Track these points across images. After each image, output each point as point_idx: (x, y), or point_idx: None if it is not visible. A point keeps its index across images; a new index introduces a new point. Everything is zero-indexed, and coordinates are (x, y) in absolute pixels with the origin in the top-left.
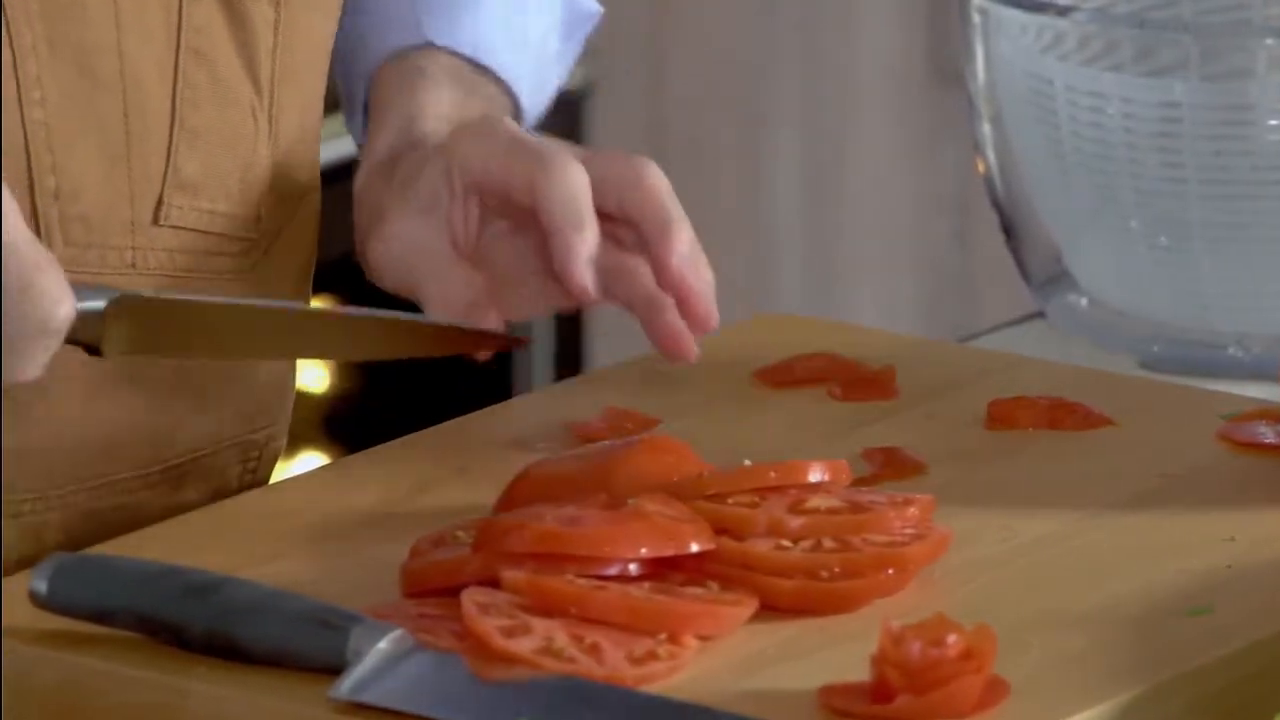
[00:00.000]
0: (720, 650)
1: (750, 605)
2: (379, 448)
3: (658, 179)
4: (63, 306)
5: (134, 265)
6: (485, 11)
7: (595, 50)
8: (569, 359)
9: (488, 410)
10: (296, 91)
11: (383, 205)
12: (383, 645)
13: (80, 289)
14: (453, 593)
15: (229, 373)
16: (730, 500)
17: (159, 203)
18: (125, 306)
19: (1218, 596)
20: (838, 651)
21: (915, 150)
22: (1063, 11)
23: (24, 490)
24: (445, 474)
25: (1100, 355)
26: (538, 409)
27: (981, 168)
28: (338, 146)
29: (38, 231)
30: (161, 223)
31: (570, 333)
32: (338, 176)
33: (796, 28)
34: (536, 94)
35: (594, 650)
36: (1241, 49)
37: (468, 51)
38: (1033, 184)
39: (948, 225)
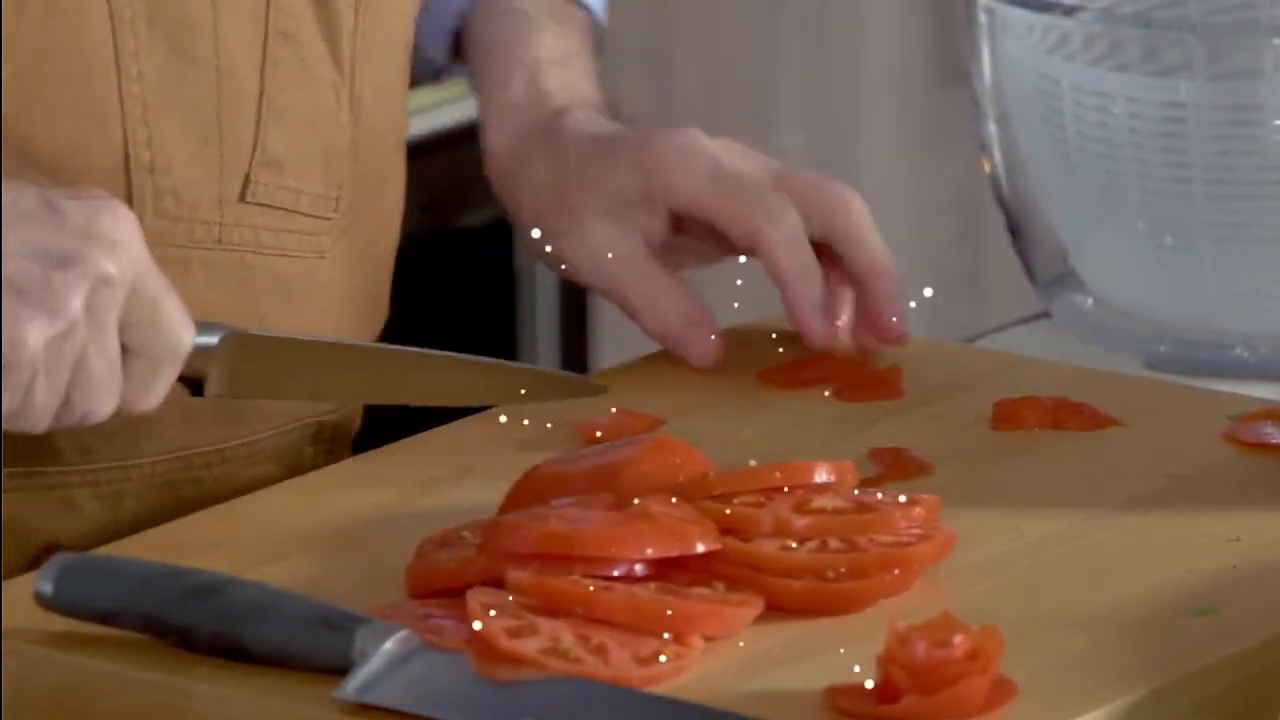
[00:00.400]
0: (726, 651)
1: (756, 606)
2: (384, 448)
3: (860, 210)
4: (189, 332)
5: (220, 240)
6: None
7: (597, 51)
8: (574, 360)
9: (493, 411)
10: (375, 72)
11: (565, 194)
12: (388, 646)
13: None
14: (458, 593)
15: None
16: (736, 501)
17: (246, 180)
18: (236, 343)
19: (1224, 597)
20: (844, 652)
21: (920, 150)
22: (1069, 11)
23: (104, 460)
24: (451, 474)
25: (1106, 355)
26: (543, 409)
27: (987, 167)
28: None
29: (130, 204)
30: (248, 199)
31: (575, 334)
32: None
33: (801, 28)
34: (601, 10)
35: (600, 651)
36: (1247, 49)
37: None
38: (1038, 184)
39: (953, 225)
